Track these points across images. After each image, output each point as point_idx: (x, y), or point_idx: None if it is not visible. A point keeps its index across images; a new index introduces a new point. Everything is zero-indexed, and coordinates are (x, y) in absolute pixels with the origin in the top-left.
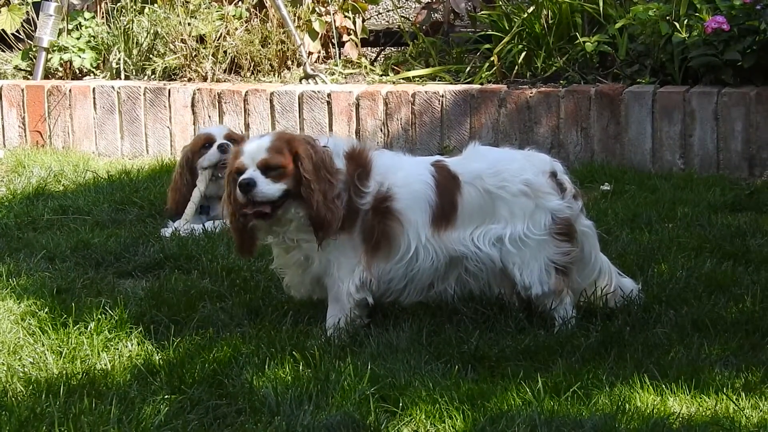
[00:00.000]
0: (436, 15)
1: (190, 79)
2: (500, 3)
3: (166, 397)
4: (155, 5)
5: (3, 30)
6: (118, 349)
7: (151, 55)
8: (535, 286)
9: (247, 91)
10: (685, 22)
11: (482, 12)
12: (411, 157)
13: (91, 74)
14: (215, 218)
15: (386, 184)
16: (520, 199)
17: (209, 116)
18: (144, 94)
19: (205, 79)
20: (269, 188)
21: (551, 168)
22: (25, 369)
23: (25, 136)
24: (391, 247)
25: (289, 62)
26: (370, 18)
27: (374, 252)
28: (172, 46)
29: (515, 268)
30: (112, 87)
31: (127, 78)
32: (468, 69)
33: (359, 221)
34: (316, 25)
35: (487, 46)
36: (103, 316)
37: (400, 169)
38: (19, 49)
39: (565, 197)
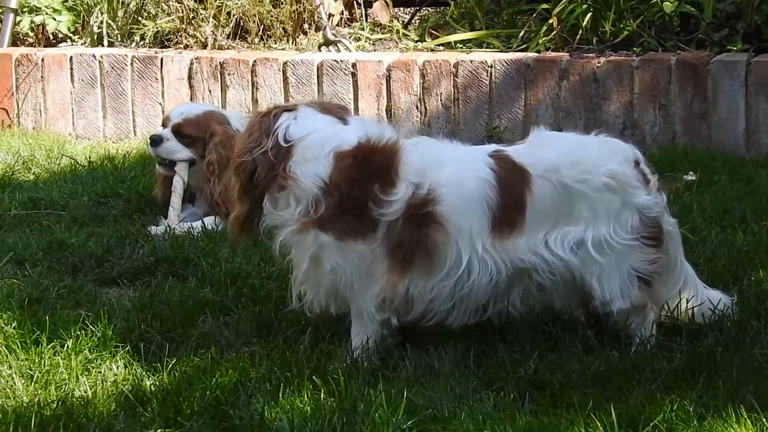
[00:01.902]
0: None
1: (186, 46)
2: None
3: (159, 431)
4: None
5: None
6: (100, 372)
7: (139, 18)
8: (617, 301)
9: (255, 61)
10: None
11: None
12: (461, 147)
13: (68, 40)
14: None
15: (426, 184)
16: (604, 194)
17: (209, 90)
18: (131, 64)
19: (204, 46)
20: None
21: (634, 156)
22: None
23: None
24: (432, 261)
25: (306, 26)
26: None
27: (405, 267)
28: (165, 7)
29: (594, 279)
30: (93, 56)
31: (111, 45)
32: (522, 34)
33: (381, 231)
34: None
35: (545, 6)
36: (83, 332)
37: (446, 163)
38: None
39: (650, 191)
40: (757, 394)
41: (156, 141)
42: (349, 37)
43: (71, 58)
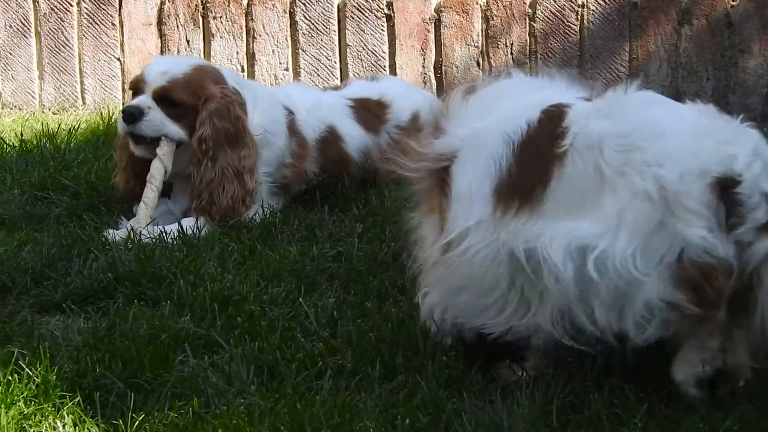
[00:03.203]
0: None
1: None
2: None
3: None
4: None
5: None
6: (41, 431)
7: None
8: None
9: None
10: None
11: None
12: (540, 94)
13: None
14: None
15: (457, 136)
16: (639, 201)
17: (187, 41)
18: (78, 3)
19: None
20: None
21: (730, 170)
22: None
23: None
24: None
25: None
26: None
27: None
28: None
29: (597, 303)
30: None
31: None
32: None
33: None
34: None
35: None
36: (16, 377)
37: (492, 112)
38: None
39: (733, 231)
40: None
41: (134, 115)
42: None
43: None
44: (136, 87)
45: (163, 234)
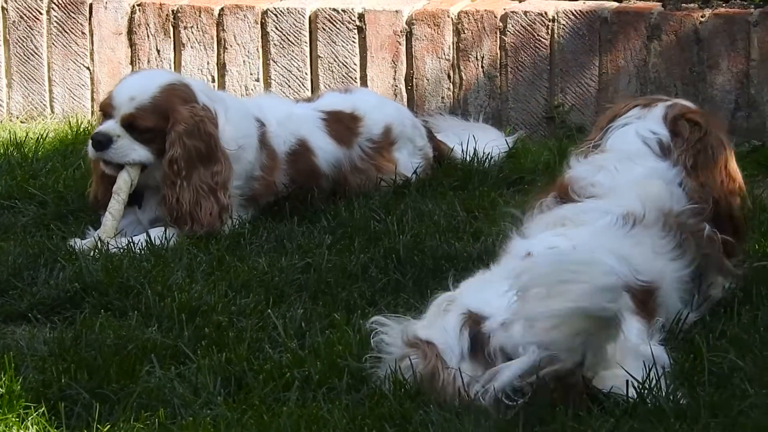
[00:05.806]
0: None
1: None
2: None
3: None
4: None
5: None
6: None
7: None
8: None
9: (222, 9)
10: None
11: None
12: None
13: None
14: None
15: None
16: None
17: (157, 50)
18: (48, 11)
19: None
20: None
21: (487, 330)
22: None
23: None
24: None
25: None
26: None
27: None
28: None
29: None
30: None
31: None
32: None
33: None
34: None
35: None
36: None
37: None
38: None
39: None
40: None
41: (102, 143)
42: None
43: None
44: (105, 111)
45: (131, 244)
